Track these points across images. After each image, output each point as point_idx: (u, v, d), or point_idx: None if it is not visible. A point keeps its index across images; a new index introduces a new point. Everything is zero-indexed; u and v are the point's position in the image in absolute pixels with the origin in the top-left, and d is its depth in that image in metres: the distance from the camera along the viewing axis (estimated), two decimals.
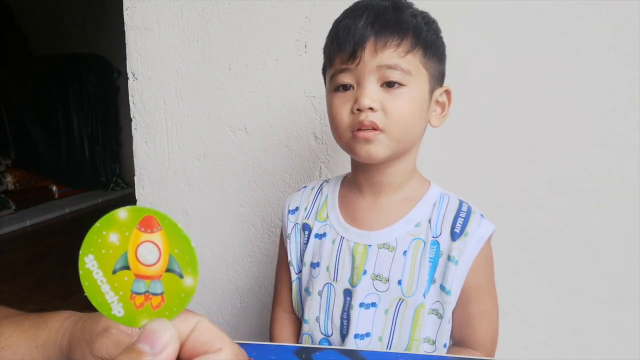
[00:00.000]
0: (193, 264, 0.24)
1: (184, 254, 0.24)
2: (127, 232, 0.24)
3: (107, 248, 0.24)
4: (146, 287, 0.24)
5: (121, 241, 0.24)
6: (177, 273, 0.24)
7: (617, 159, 0.87)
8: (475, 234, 0.63)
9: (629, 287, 0.91)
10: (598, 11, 0.84)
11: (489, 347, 0.67)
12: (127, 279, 0.24)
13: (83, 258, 0.24)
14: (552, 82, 0.87)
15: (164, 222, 0.24)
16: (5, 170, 3.32)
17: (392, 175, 0.66)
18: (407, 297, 0.64)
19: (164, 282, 0.24)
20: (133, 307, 0.24)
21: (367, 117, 0.59)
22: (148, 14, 1.03)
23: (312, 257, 0.71)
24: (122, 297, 0.24)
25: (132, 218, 0.24)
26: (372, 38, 0.59)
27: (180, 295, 0.24)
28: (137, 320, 0.24)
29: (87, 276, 0.24)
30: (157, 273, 0.24)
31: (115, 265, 0.24)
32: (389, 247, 0.65)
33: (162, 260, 0.24)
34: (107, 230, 0.24)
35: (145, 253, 0.24)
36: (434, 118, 0.67)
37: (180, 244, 0.24)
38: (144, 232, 0.24)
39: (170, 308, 0.24)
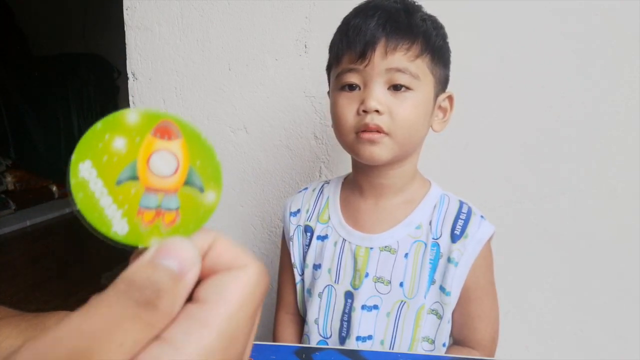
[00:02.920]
0: (217, 177, 0.21)
1: (207, 167, 0.21)
2: (137, 138, 0.20)
3: (110, 155, 0.20)
4: (158, 202, 0.21)
5: (129, 148, 0.20)
6: (197, 187, 0.21)
7: (617, 159, 0.87)
8: (475, 236, 0.63)
9: (629, 287, 0.91)
10: (598, 11, 0.84)
11: (488, 347, 0.67)
12: (134, 192, 0.20)
13: (77, 165, 0.19)
14: (552, 83, 0.87)
15: (185, 130, 0.21)
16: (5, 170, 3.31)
17: (393, 177, 0.66)
18: (409, 299, 0.64)
19: (181, 197, 0.21)
20: (140, 223, 0.20)
21: (373, 119, 0.58)
22: (148, 14, 1.03)
23: (315, 259, 0.71)
24: (126, 212, 0.20)
25: (145, 122, 0.20)
26: (383, 40, 0.58)
27: (199, 211, 0.21)
28: (145, 238, 0.21)
29: (81, 187, 0.20)
30: (173, 186, 0.21)
31: (120, 175, 0.20)
32: (390, 249, 0.65)
33: (180, 172, 0.21)
34: (112, 133, 0.20)
35: (160, 163, 0.21)
36: (436, 123, 0.67)
37: (203, 155, 0.21)
38: (159, 139, 0.21)
39: (186, 225, 0.21)
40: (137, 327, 0.17)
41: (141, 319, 0.17)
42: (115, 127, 0.20)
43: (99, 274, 2.20)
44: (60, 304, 1.91)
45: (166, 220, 0.21)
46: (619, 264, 0.91)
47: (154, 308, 0.17)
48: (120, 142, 0.20)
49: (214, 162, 0.21)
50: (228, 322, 0.19)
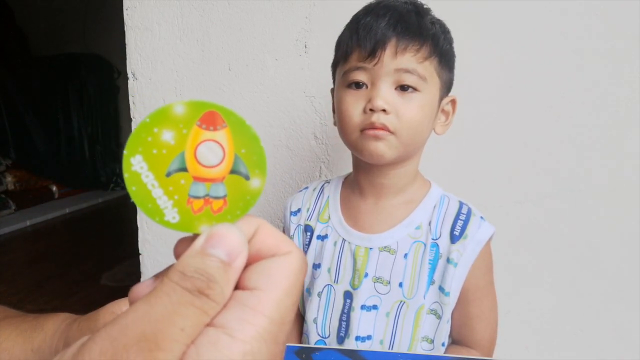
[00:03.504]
0: (262, 164, 0.22)
1: (252, 154, 0.22)
2: (184, 130, 0.21)
3: (159, 147, 0.21)
4: (206, 191, 0.21)
5: (177, 140, 0.21)
6: (242, 174, 0.22)
7: (617, 159, 0.87)
8: (474, 237, 0.64)
9: (629, 287, 0.91)
10: (598, 11, 0.84)
11: (487, 347, 0.68)
12: (183, 182, 0.21)
13: (129, 159, 0.20)
14: (551, 83, 0.87)
15: (229, 119, 0.22)
16: (5, 170, 3.31)
17: (394, 178, 0.66)
18: (408, 299, 0.64)
19: (227, 185, 0.22)
20: (190, 212, 0.21)
21: (379, 118, 0.58)
22: (148, 14, 1.03)
23: (314, 259, 0.71)
24: (177, 202, 0.21)
25: (191, 113, 0.21)
26: (393, 40, 0.58)
27: (245, 197, 0.22)
28: (195, 225, 0.22)
29: (134, 180, 0.21)
30: (220, 175, 0.22)
31: (169, 167, 0.21)
32: (389, 250, 0.65)
33: (226, 161, 0.22)
34: (160, 127, 0.21)
35: (207, 153, 0.21)
36: (439, 126, 0.67)
37: (248, 143, 0.22)
38: (205, 130, 0.21)
39: (232, 211, 0.22)
40: (194, 313, 0.18)
41: (195, 306, 0.18)
42: (162, 120, 0.21)
43: (99, 274, 2.20)
44: (60, 304, 1.91)
45: (214, 207, 0.22)
46: (619, 264, 0.91)
47: (205, 296, 0.18)
48: (168, 135, 0.21)
49: (259, 149, 0.22)
50: (278, 307, 0.19)
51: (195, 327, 0.18)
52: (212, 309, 0.19)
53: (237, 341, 0.18)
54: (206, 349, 0.18)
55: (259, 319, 0.19)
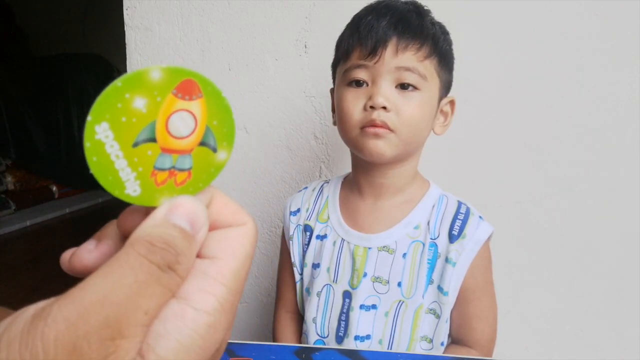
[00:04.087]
0: (230, 137, 0.21)
1: (223, 126, 0.21)
2: (158, 97, 0.19)
3: (129, 115, 0.19)
4: (172, 163, 0.20)
5: (150, 108, 0.19)
6: (210, 147, 0.21)
7: (617, 159, 0.87)
8: (473, 237, 0.64)
9: (628, 287, 0.91)
10: (598, 11, 0.84)
11: (486, 347, 0.68)
12: (150, 153, 0.20)
13: (93, 127, 0.18)
14: (551, 83, 0.87)
15: (206, 89, 0.20)
16: (5, 170, 3.31)
17: (393, 178, 0.66)
18: (407, 299, 0.64)
19: (194, 157, 0.21)
20: (153, 184, 0.20)
21: (380, 116, 0.59)
22: (148, 14, 1.03)
23: (314, 258, 0.71)
24: (140, 174, 0.20)
25: (168, 80, 0.19)
26: (394, 38, 0.59)
27: (210, 170, 0.21)
28: (156, 198, 0.20)
29: (96, 149, 0.18)
30: (189, 147, 0.20)
31: (137, 137, 0.19)
32: (388, 249, 0.65)
33: (197, 133, 0.20)
34: (133, 92, 0.19)
35: (179, 124, 0.20)
36: (438, 126, 0.68)
37: (220, 115, 0.21)
38: (180, 99, 0.20)
39: (195, 184, 0.21)
40: (159, 292, 0.17)
41: (162, 285, 0.17)
42: (137, 85, 0.19)
43: None
44: None
45: (178, 180, 0.21)
46: (619, 263, 0.91)
47: (173, 272, 0.18)
48: (141, 102, 0.19)
49: (230, 121, 0.21)
50: (235, 277, 0.19)
51: (158, 308, 0.17)
52: (177, 285, 0.18)
53: (201, 313, 0.17)
54: (172, 324, 0.17)
55: (219, 289, 0.18)
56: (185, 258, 0.18)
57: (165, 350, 0.16)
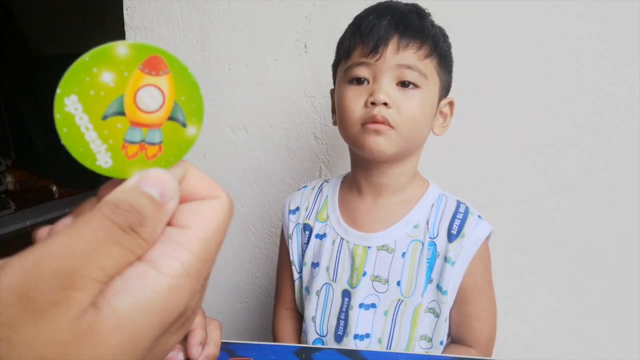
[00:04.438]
0: (199, 112, 0.22)
1: (191, 102, 0.22)
2: (125, 72, 0.20)
3: (97, 89, 0.19)
4: (142, 136, 0.21)
5: (117, 82, 0.20)
6: (179, 122, 0.22)
7: (617, 159, 0.87)
8: (471, 236, 0.64)
9: (629, 287, 0.91)
10: (598, 11, 0.84)
11: (485, 346, 0.68)
12: (120, 126, 0.20)
13: (62, 99, 0.19)
14: (551, 83, 0.87)
15: (172, 65, 0.21)
16: (5, 170, 3.31)
17: (392, 177, 0.66)
18: (406, 297, 0.64)
19: (164, 131, 0.21)
20: (124, 157, 0.21)
21: (380, 111, 0.59)
22: (148, 14, 1.03)
23: (313, 257, 0.71)
24: (111, 146, 0.20)
25: (135, 56, 0.20)
26: (396, 37, 0.60)
27: (180, 145, 0.22)
28: (128, 170, 0.21)
29: (66, 121, 0.19)
30: (158, 121, 0.21)
31: (106, 110, 0.20)
32: (387, 248, 0.65)
33: (165, 107, 0.21)
34: (100, 67, 0.19)
35: (147, 98, 0.21)
36: (437, 127, 0.68)
37: (188, 91, 0.22)
38: (147, 74, 0.20)
39: (166, 158, 0.22)
40: (118, 252, 0.18)
41: (122, 245, 0.18)
42: (104, 60, 0.20)
43: None
44: None
45: (149, 153, 0.21)
46: (619, 263, 0.91)
47: (135, 234, 0.18)
48: (108, 77, 0.20)
49: (198, 97, 0.22)
50: (204, 246, 0.20)
51: (117, 266, 0.18)
52: (140, 248, 0.18)
53: (164, 276, 0.18)
54: (134, 283, 0.17)
55: (185, 255, 0.19)
56: (150, 222, 0.19)
57: (122, 304, 0.17)
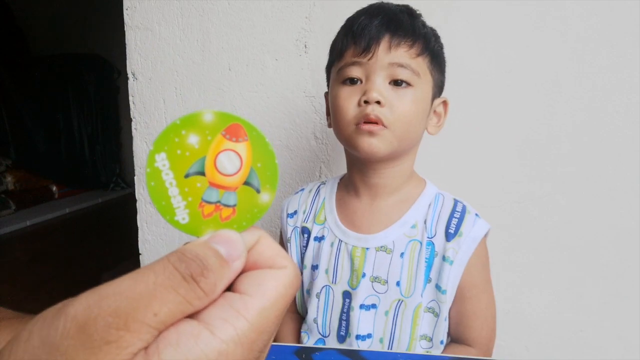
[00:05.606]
0: (273, 180, 0.23)
1: (266, 169, 0.23)
2: (209, 136, 0.22)
3: (183, 149, 0.22)
4: (218, 197, 0.23)
5: (201, 144, 0.22)
6: (254, 187, 0.23)
7: (617, 159, 0.87)
8: (469, 234, 0.64)
9: (629, 287, 0.91)
10: (598, 11, 0.84)
11: (484, 345, 0.68)
12: (199, 185, 0.22)
13: (154, 155, 0.22)
14: (551, 83, 0.87)
15: (251, 133, 0.23)
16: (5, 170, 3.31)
17: (388, 177, 0.67)
18: (406, 297, 0.64)
19: (239, 195, 0.23)
20: (200, 215, 0.22)
21: (374, 110, 0.59)
22: (148, 14, 1.03)
23: (312, 260, 0.71)
24: (190, 204, 0.22)
25: (218, 123, 0.22)
26: (387, 36, 0.60)
27: (253, 210, 0.23)
28: (202, 229, 0.23)
29: (154, 175, 0.22)
30: (234, 184, 0.23)
31: (189, 169, 0.22)
32: (386, 249, 0.65)
33: (242, 172, 0.23)
34: (188, 130, 0.22)
35: (226, 162, 0.22)
36: (431, 126, 0.68)
37: (264, 158, 0.23)
38: (228, 140, 0.22)
39: (239, 222, 0.23)
40: (174, 300, 0.18)
41: (179, 293, 0.18)
42: (192, 124, 0.22)
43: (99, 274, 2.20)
44: None
45: (223, 215, 0.23)
46: (619, 263, 0.91)
47: (195, 283, 0.18)
48: (194, 139, 0.22)
49: (274, 165, 0.23)
50: (260, 315, 0.20)
51: (171, 314, 0.18)
52: (197, 299, 0.19)
53: (216, 339, 0.18)
54: (185, 340, 0.18)
55: (240, 322, 0.19)
56: (212, 275, 0.19)
57: (170, 358, 0.17)
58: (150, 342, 0.17)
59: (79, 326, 0.16)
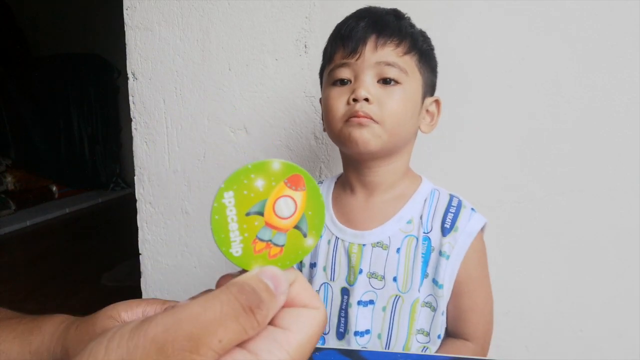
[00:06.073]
0: (319, 227, 0.26)
1: (315, 217, 0.26)
2: (274, 182, 0.25)
3: (249, 190, 0.24)
4: (271, 236, 0.25)
5: (265, 188, 0.25)
6: (302, 231, 0.26)
7: (617, 159, 0.87)
8: (465, 229, 0.64)
9: (629, 287, 0.91)
10: (598, 11, 0.84)
11: (481, 339, 0.68)
12: (257, 224, 0.25)
13: (222, 192, 0.24)
14: (551, 82, 0.87)
15: (309, 185, 0.25)
16: (5, 170, 3.32)
17: (383, 175, 0.67)
18: (403, 293, 0.65)
19: (289, 237, 0.25)
20: (252, 251, 0.25)
21: (362, 107, 0.60)
22: (148, 14, 1.03)
23: (310, 258, 0.71)
24: (245, 239, 0.25)
25: (283, 172, 0.25)
26: (373, 36, 0.62)
27: (298, 251, 0.26)
28: (251, 263, 0.25)
29: (219, 210, 0.24)
30: (286, 227, 0.25)
31: (251, 208, 0.25)
32: (382, 245, 0.66)
33: (295, 217, 0.25)
34: (257, 174, 0.24)
35: (283, 206, 0.25)
36: (424, 125, 0.69)
37: (315, 208, 0.26)
38: (288, 188, 0.25)
39: (284, 261, 0.25)
40: (235, 328, 0.20)
41: (239, 322, 0.20)
42: (261, 170, 0.25)
43: (99, 274, 2.20)
44: (60, 304, 1.91)
45: (271, 252, 0.25)
46: (619, 263, 0.91)
47: (252, 315, 0.21)
48: (260, 183, 0.25)
49: (322, 215, 0.26)
50: (299, 350, 0.22)
51: (231, 342, 0.20)
52: (252, 329, 0.21)
53: None
54: None
55: (283, 354, 0.21)
56: (265, 307, 0.21)
57: None
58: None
59: (158, 347, 0.18)
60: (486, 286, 0.69)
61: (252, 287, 0.22)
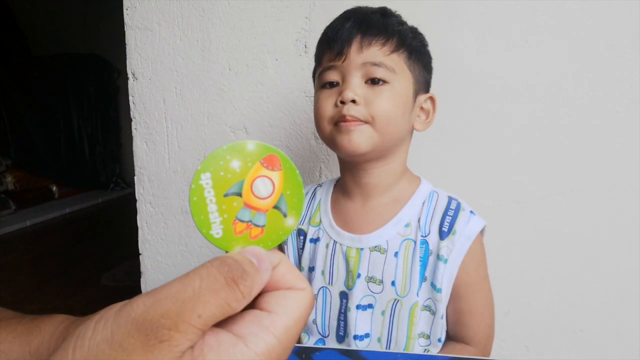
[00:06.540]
0: (299, 207, 0.26)
1: (294, 197, 0.26)
2: (249, 163, 0.25)
3: (226, 171, 0.25)
4: (250, 217, 0.25)
5: (242, 169, 0.25)
6: (282, 211, 0.26)
7: (617, 159, 0.87)
8: (463, 232, 0.64)
9: (629, 287, 0.91)
10: (598, 11, 0.84)
11: (482, 343, 0.67)
12: (235, 205, 0.25)
13: (200, 174, 0.24)
14: (551, 82, 0.87)
15: (285, 165, 0.26)
16: (5, 170, 3.31)
17: (379, 176, 0.66)
18: (402, 297, 0.64)
19: (268, 217, 0.26)
20: (232, 232, 0.25)
21: (349, 110, 0.60)
22: (148, 14, 1.03)
23: (309, 262, 0.71)
24: (225, 220, 0.25)
25: (259, 152, 0.25)
26: (358, 36, 0.61)
27: (279, 232, 0.26)
28: (232, 245, 0.25)
29: (197, 192, 0.24)
30: (265, 207, 0.25)
31: (229, 189, 0.25)
32: (380, 249, 0.65)
33: (273, 197, 0.26)
34: (232, 155, 0.25)
35: (261, 186, 0.25)
36: (419, 123, 0.68)
37: (293, 187, 0.26)
38: (265, 168, 0.25)
39: (265, 241, 0.26)
40: (216, 302, 0.20)
41: (220, 296, 0.20)
42: (236, 151, 0.25)
43: (99, 274, 2.20)
44: (60, 304, 1.91)
45: (252, 233, 0.25)
46: (619, 263, 0.91)
47: (235, 286, 0.21)
48: (236, 164, 0.25)
49: (300, 194, 0.26)
50: (286, 332, 0.22)
51: (213, 316, 0.20)
52: (236, 302, 0.21)
53: (250, 351, 0.21)
54: (225, 347, 0.20)
55: (270, 337, 0.21)
56: (249, 279, 0.21)
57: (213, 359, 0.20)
58: (195, 342, 0.20)
59: (138, 327, 0.19)
60: (486, 290, 0.69)
61: (234, 259, 0.21)
